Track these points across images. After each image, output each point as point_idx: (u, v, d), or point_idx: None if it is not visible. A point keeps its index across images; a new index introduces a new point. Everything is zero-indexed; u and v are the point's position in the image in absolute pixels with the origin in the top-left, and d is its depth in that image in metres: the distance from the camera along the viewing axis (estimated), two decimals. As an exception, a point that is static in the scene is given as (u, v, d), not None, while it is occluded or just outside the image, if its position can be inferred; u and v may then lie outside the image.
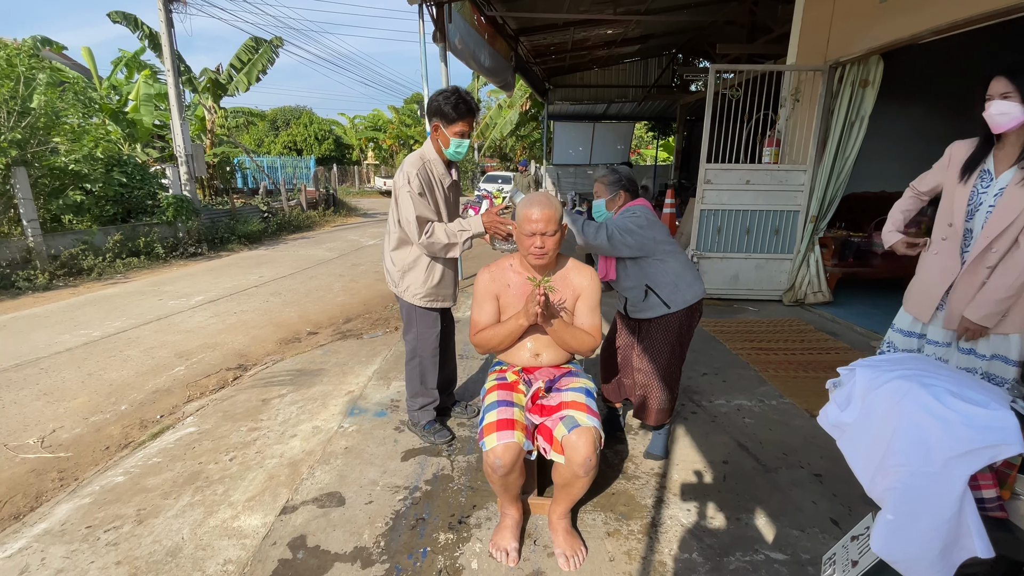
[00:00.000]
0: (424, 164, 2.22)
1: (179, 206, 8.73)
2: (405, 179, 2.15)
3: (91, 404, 3.33)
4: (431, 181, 2.24)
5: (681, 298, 2.18)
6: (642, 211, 2.21)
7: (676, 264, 2.20)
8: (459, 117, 2.15)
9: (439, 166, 2.28)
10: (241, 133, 21.87)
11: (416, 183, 2.15)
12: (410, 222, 2.14)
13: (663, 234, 2.20)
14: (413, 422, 2.51)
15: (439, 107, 2.15)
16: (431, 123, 2.22)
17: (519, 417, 1.65)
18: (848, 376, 1.06)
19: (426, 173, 2.22)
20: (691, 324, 2.23)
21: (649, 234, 2.14)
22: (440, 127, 2.19)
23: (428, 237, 2.15)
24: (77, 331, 4.73)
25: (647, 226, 2.14)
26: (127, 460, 2.57)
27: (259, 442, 2.57)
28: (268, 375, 3.53)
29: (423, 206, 2.15)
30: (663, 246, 2.19)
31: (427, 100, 2.26)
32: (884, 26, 3.70)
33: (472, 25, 6.23)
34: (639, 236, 2.12)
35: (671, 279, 2.18)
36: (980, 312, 1.80)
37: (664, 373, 2.21)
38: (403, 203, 2.16)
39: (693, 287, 2.21)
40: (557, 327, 1.78)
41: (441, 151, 2.26)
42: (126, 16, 10.20)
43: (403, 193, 2.15)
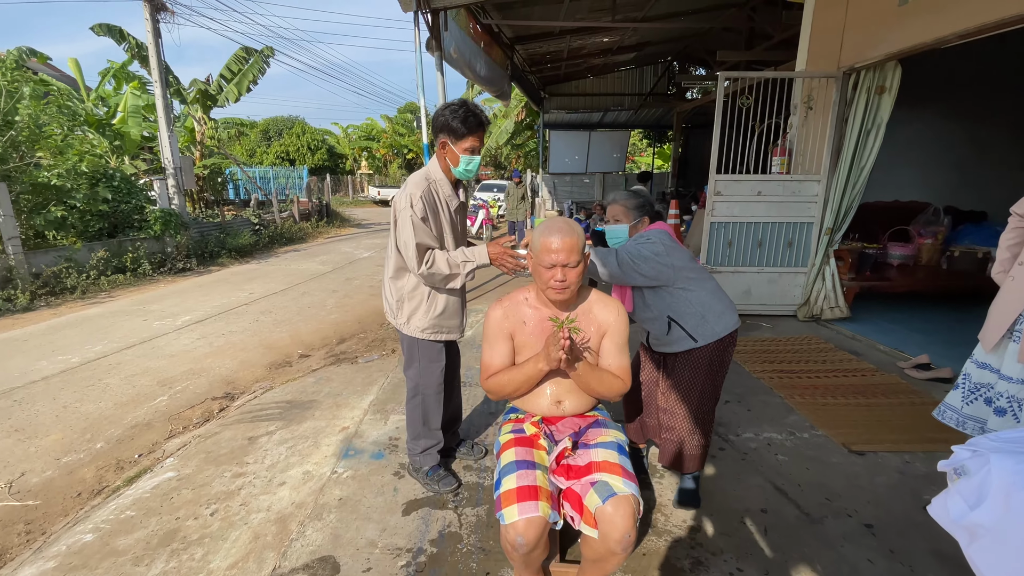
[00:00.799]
0: (429, 185, 2.00)
1: (167, 220, 8.46)
2: (407, 201, 1.92)
3: (64, 442, 3.07)
4: (436, 204, 2.02)
5: (710, 330, 1.95)
6: (659, 236, 1.97)
7: (703, 293, 1.97)
8: (469, 132, 1.94)
9: (446, 187, 2.06)
10: (233, 144, 21.60)
11: (419, 206, 1.93)
12: (409, 249, 1.92)
13: (685, 259, 1.97)
14: (415, 467, 2.27)
15: (447, 122, 1.94)
16: (438, 140, 2.00)
17: (542, 482, 1.42)
18: (977, 463, 0.84)
19: (431, 195, 2.00)
20: (723, 359, 2.00)
21: (667, 261, 1.91)
22: (448, 143, 1.97)
23: (428, 267, 1.93)
24: (55, 357, 4.46)
25: (664, 253, 1.91)
26: (99, 512, 2.32)
27: (244, 491, 2.31)
28: (256, 407, 3.27)
29: (424, 233, 1.93)
30: (685, 273, 1.95)
31: (431, 115, 2.04)
32: (904, 30, 3.53)
33: (468, 34, 6.05)
34: (655, 264, 1.89)
35: (697, 309, 1.95)
36: None
37: (692, 414, 1.98)
38: (403, 227, 1.94)
39: (724, 318, 1.98)
40: (582, 371, 1.55)
41: (448, 170, 2.04)
42: (110, 28, 9.96)
43: (404, 216, 1.93)
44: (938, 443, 2.53)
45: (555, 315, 1.57)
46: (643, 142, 24.85)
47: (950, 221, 5.23)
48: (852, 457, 2.43)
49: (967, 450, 0.89)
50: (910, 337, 4.09)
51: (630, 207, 2.08)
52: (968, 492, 0.83)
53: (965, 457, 0.88)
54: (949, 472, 0.90)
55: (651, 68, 12.22)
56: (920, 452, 2.46)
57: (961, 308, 4.86)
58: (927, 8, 3.35)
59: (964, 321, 4.50)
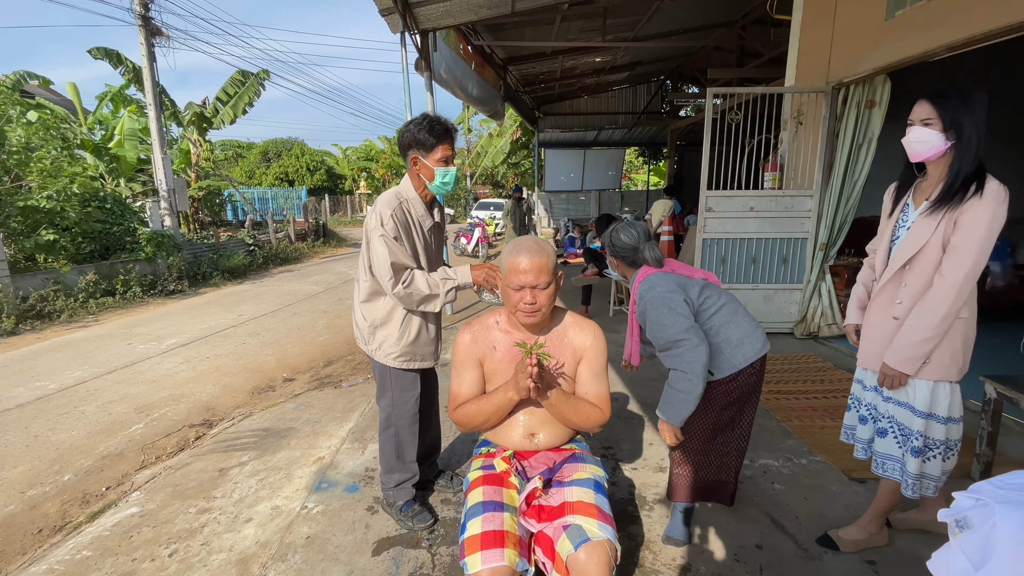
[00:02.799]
0: (401, 204, 1.90)
1: (159, 242, 8.40)
2: (378, 220, 1.83)
3: (32, 474, 2.94)
4: (408, 223, 1.92)
5: (727, 362, 1.74)
6: (659, 296, 1.70)
7: (717, 321, 1.76)
8: (438, 140, 1.85)
9: (419, 206, 1.97)
10: (231, 166, 21.72)
11: (391, 225, 1.84)
12: (383, 269, 1.82)
13: (693, 292, 1.74)
14: (388, 502, 2.14)
15: (414, 136, 1.86)
16: (408, 157, 1.92)
17: (510, 526, 1.30)
18: (981, 515, 0.74)
19: (403, 214, 1.90)
20: (745, 390, 1.79)
21: (679, 319, 1.66)
22: (419, 158, 1.89)
23: (405, 287, 1.82)
24: (33, 383, 4.34)
25: (668, 312, 1.68)
26: (56, 551, 2.19)
27: (207, 529, 2.18)
28: (232, 435, 3.15)
29: (400, 251, 1.84)
30: (703, 315, 1.76)
31: (399, 137, 1.97)
32: (891, 44, 3.49)
33: (458, 54, 6.07)
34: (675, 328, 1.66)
35: (712, 340, 1.74)
36: (898, 356, 1.62)
37: (695, 446, 1.85)
38: (376, 248, 1.84)
39: (743, 347, 1.74)
40: (555, 400, 1.44)
41: (423, 187, 1.95)
42: (108, 52, 10.06)
43: (375, 237, 1.83)
44: (943, 469, 2.40)
45: (525, 340, 1.47)
46: (639, 159, 25.01)
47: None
48: (852, 485, 2.30)
49: (969, 498, 0.78)
50: (910, 355, 3.97)
51: (621, 259, 1.89)
52: (972, 549, 0.72)
53: (967, 507, 0.77)
54: (950, 524, 0.79)
55: (644, 87, 12.32)
56: (924, 479, 2.33)
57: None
58: (914, 22, 3.32)
59: (965, 337, 4.39)
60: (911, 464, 1.67)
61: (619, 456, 2.62)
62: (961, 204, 1.48)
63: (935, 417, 1.65)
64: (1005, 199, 1.47)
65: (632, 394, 3.44)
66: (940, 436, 1.65)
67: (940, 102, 1.53)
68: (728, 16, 7.35)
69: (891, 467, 1.75)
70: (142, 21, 8.62)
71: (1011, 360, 3.72)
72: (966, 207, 1.48)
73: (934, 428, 1.65)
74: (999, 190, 1.47)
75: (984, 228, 1.46)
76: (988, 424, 2.20)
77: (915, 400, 1.65)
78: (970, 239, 1.47)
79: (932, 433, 1.65)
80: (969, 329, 1.62)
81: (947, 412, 1.64)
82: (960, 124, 1.51)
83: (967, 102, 1.50)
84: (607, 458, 2.58)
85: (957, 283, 1.49)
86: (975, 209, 1.46)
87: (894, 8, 3.45)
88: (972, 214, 1.47)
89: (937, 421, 1.65)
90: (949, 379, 1.62)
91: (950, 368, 1.61)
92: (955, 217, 1.49)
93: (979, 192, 1.47)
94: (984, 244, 1.47)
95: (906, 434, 1.69)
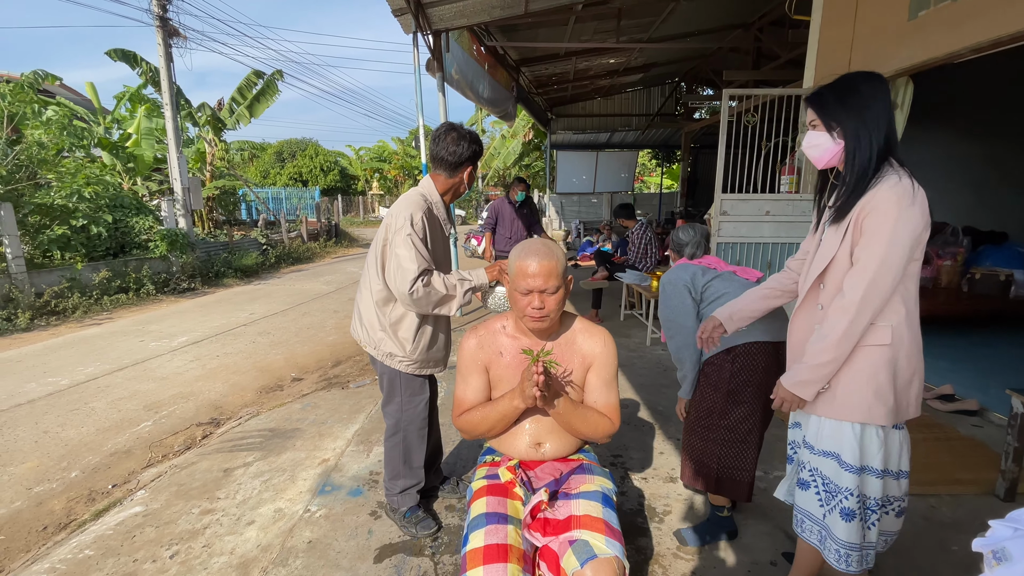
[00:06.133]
0: (430, 206, 1.90)
1: (172, 240, 8.49)
2: (406, 221, 1.79)
3: (40, 470, 2.96)
4: (435, 227, 1.92)
5: (723, 340, 1.79)
6: (667, 280, 1.98)
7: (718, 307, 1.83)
8: (482, 152, 2.02)
9: (442, 210, 1.98)
10: (246, 166, 21.96)
11: (420, 226, 1.81)
12: (407, 270, 1.75)
13: (701, 281, 1.91)
14: (392, 507, 2.10)
15: (473, 151, 1.93)
16: (462, 169, 1.95)
17: (514, 539, 1.25)
18: (1020, 546, 0.68)
19: (432, 217, 1.91)
20: (734, 378, 1.81)
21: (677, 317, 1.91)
22: (471, 169, 1.98)
23: (425, 287, 1.77)
24: (45, 379, 4.38)
25: (674, 309, 1.91)
26: (59, 549, 2.19)
27: (209, 531, 2.16)
28: (238, 435, 3.14)
29: (425, 252, 1.81)
30: (704, 301, 1.90)
31: (431, 135, 1.98)
32: (915, 45, 3.39)
33: (471, 55, 6.05)
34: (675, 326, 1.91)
35: None
36: (794, 377, 1.38)
37: (688, 423, 1.94)
38: (400, 249, 1.78)
39: (742, 332, 1.78)
40: (562, 408, 1.39)
41: (447, 191, 1.97)
42: (125, 54, 10.21)
43: (401, 236, 1.78)
44: (966, 484, 2.31)
45: (532, 345, 1.42)
46: (652, 162, 24.84)
47: (969, 242, 5.01)
48: (871, 501, 2.22)
49: (1007, 527, 0.72)
50: (931, 364, 3.85)
51: (674, 254, 2.17)
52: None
53: (1005, 536, 0.71)
54: (986, 555, 0.73)
55: (658, 89, 12.22)
56: (946, 495, 2.24)
57: (985, 333, 4.61)
58: (938, 22, 3.22)
59: (989, 347, 4.25)
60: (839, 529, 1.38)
61: (628, 465, 2.55)
62: (864, 209, 1.26)
63: (869, 470, 1.36)
64: (913, 200, 1.22)
65: (643, 401, 3.38)
66: (876, 493, 1.37)
67: (816, 102, 1.37)
68: (744, 17, 7.25)
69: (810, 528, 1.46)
70: (160, 22, 8.74)
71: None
72: (868, 212, 1.25)
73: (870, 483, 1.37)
74: (904, 191, 1.22)
75: (886, 235, 1.22)
76: (1015, 439, 2.11)
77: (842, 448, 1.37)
78: (871, 249, 1.24)
79: (868, 490, 1.37)
80: (901, 362, 1.32)
81: (883, 463, 1.35)
82: (841, 122, 1.31)
83: (844, 98, 1.31)
84: (616, 467, 2.52)
85: (855, 301, 1.25)
86: (874, 214, 1.24)
87: (917, 8, 3.35)
88: (872, 220, 1.24)
89: (872, 475, 1.36)
90: (875, 422, 1.32)
91: (874, 407, 1.31)
92: (860, 224, 1.28)
93: (880, 194, 1.24)
94: (887, 254, 1.22)
95: (831, 491, 1.39)
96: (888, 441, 1.36)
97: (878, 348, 1.30)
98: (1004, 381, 3.39)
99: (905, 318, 1.31)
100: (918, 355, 1.34)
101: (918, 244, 1.25)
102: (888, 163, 1.29)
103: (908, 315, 1.32)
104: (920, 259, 1.29)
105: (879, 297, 1.25)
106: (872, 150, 1.28)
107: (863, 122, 1.29)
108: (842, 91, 1.33)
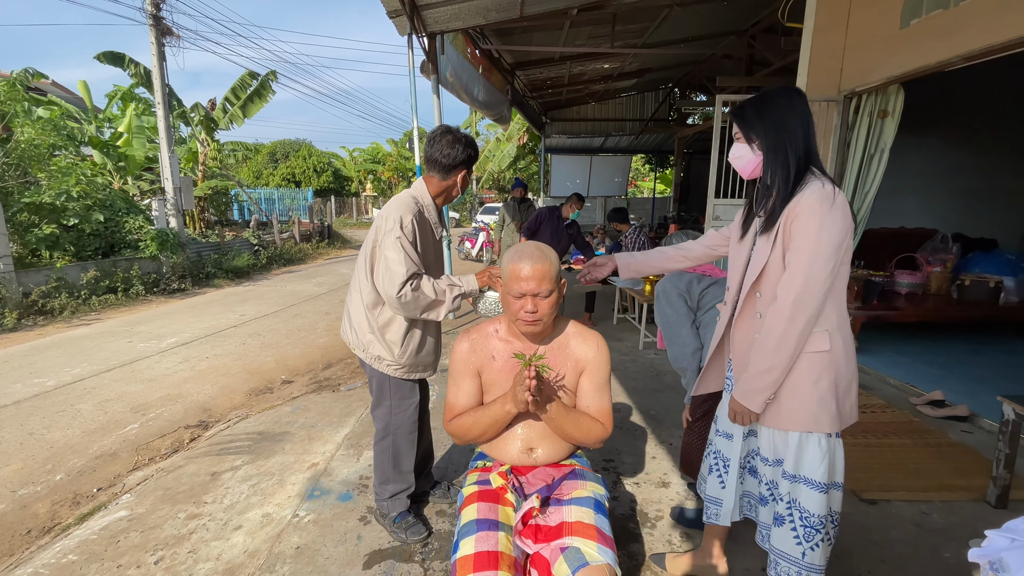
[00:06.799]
0: (421, 209, 1.88)
1: (163, 240, 8.40)
2: (396, 223, 1.77)
3: (24, 472, 2.90)
4: (425, 229, 1.89)
5: (706, 353, 1.82)
6: (660, 289, 2.05)
7: (711, 316, 1.91)
8: (477, 156, 1.97)
9: (433, 213, 1.96)
10: (239, 166, 21.80)
11: (409, 229, 1.79)
12: (395, 273, 1.73)
13: (697, 289, 1.97)
14: (382, 512, 2.07)
15: (468, 155, 1.91)
16: (455, 172, 1.92)
17: (505, 547, 1.23)
18: (1018, 558, 0.67)
19: (423, 219, 1.88)
20: None
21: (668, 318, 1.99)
22: (465, 173, 1.96)
23: (413, 291, 1.75)
24: (31, 380, 4.31)
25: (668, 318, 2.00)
26: (43, 553, 2.14)
27: (195, 536, 2.12)
28: (226, 438, 3.09)
29: (414, 256, 1.78)
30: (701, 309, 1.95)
31: (426, 137, 1.98)
32: (906, 53, 3.43)
33: (466, 58, 6.05)
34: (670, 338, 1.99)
35: (703, 332, 1.94)
36: (741, 388, 1.40)
37: (692, 425, 2.04)
38: (391, 251, 1.75)
39: None
40: (554, 413, 1.38)
41: (439, 194, 1.95)
42: (115, 56, 10.11)
43: (390, 239, 1.75)
44: (957, 490, 2.32)
45: (524, 349, 1.41)
46: (645, 167, 24.95)
47: (959, 249, 5.05)
48: (863, 506, 2.22)
49: (1004, 537, 0.71)
50: (921, 370, 3.88)
51: None
52: (1012, 597, 0.65)
53: (1002, 547, 0.71)
54: (983, 565, 0.73)
55: (652, 94, 12.29)
56: (938, 501, 2.25)
57: (974, 340, 4.65)
58: (930, 30, 3.25)
59: (978, 353, 4.29)
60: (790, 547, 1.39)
61: (620, 470, 2.54)
62: (791, 215, 1.30)
63: (808, 482, 1.35)
64: (833, 204, 1.26)
65: (635, 405, 3.37)
66: (819, 509, 1.34)
67: (738, 116, 1.42)
68: (738, 24, 7.30)
69: None
70: (153, 21, 8.67)
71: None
72: (794, 217, 1.29)
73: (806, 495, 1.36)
74: (825, 195, 1.26)
75: (812, 238, 1.26)
76: (1006, 446, 2.12)
77: (802, 466, 1.35)
78: (799, 252, 1.28)
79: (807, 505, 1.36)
80: (840, 368, 1.33)
81: (825, 476, 1.34)
82: (758, 133, 1.37)
83: (762, 112, 1.37)
84: (608, 471, 2.51)
85: (788, 304, 1.28)
86: (799, 219, 1.28)
87: (909, 16, 3.39)
88: (798, 224, 1.28)
89: (813, 488, 1.34)
90: (821, 429, 1.32)
91: (819, 416, 1.32)
92: (788, 229, 1.31)
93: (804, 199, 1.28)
94: (814, 258, 1.26)
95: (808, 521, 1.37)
96: (832, 450, 1.36)
97: (818, 355, 1.32)
98: (994, 387, 3.42)
99: (838, 323, 1.34)
100: (853, 359, 1.37)
101: (842, 246, 1.28)
102: (810, 172, 1.33)
103: (840, 320, 1.34)
104: (847, 263, 1.33)
105: (811, 299, 1.28)
106: (790, 161, 1.33)
107: (779, 135, 1.34)
108: (760, 105, 1.39)
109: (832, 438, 1.36)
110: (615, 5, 5.82)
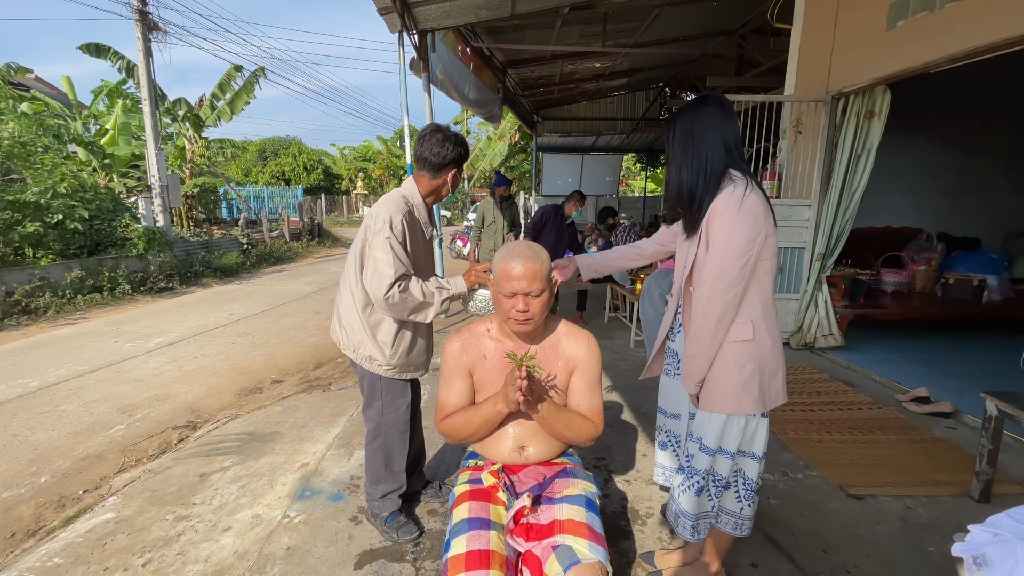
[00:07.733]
0: (411, 209, 1.86)
1: (150, 239, 8.29)
2: (386, 223, 1.75)
3: (8, 475, 2.85)
4: (415, 229, 1.88)
5: None
6: (643, 298, 2.12)
7: None
8: (468, 156, 1.96)
9: (423, 212, 1.94)
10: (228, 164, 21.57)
11: (399, 229, 1.77)
12: (383, 274, 1.71)
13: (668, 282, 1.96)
14: (373, 512, 2.06)
15: (457, 154, 1.89)
16: (445, 171, 1.90)
17: (496, 545, 1.23)
18: (1001, 552, 0.68)
19: (413, 219, 1.86)
20: None
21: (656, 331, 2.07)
22: (456, 172, 1.94)
23: (401, 293, 1.74)
24: (14, 381, 4.23)
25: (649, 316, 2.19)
26: (27, 557, 2.11)
27: (184, 537, 2.10)
28: (215, 439, 3.06)
29: (403, 256, 1.76)
30: None
31: (416, 135, 1.97)
32: (892, 55, 3.47)
33: (457, 56, 6.03)
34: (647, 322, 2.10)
35: None
36: (682, 373, 1.58)
37: None
38: (380, 252, 1.73)
39: None
40: (546, 413, 1.38)
41: (429, 194, 1.93)
42: (100, 48, 9.95)
43: (380, 239, 1.74)
44: (941, 485, 2.36)
45: (516, 349, 1.41)
46: (636, 166, 25.06)
47: (943, 248, 5.14)
48: (850, 502, 2.25)
49: (987, 532, 0.73)
50: (907, 367, 3.94)
51: None
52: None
53: (985, 542, 0.72)
54: (967, 560, 0.74)
55: (643, 93, 12.33)
56: (923, 496, 2.29)
57: (958, 337, 4.73)
58: (915, 32, 3.30)
59: (962, 350, 4.37)
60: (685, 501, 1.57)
61: (611, 467, 2.55)
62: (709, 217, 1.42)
63: (723, 452, 1.51)
64: (740, 207, 1.36)
65: (626, 403, 3.39)
66: (724, 471, 1.52)
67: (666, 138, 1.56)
68: (728, 25, 7.35)
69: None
70: (139, 16, 8.54)
71: (1011, 376, 3.70)
72: (709, 219, 1.42)
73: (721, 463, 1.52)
74: (734, 199, 1.36)
75: (723, 239, 1.37)
76: (989, 442, 2.16)
77: (706, 435, 1.51)
78: (712, 251, 1.40)
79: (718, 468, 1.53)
80: (765, 355, 1.44)
81: (736, 446, 1.50)
82: (669, 145, 1.53)
83: (674, 133, 1.51)
84: (599, 469, 2.52)
85: (702, 296, 1.41)
86: (713, 220, 1.40)
87: (896, 18, 3.44)
88: (712, 225, 1.41)
89: (724, 456, 1.51)
90: (744, 412, 1.45)
91: (743, 399, 1.43)
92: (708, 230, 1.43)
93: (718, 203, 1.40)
94: (724, 255, 1.37)
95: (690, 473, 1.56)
96: (748, 429, 1.50)
97: (741, 344, 1.43)
98: (978, 384, 3.48)
99: (762, 314, 1.44)
100: (780, 347, 1.48)
101: (753, 243, 1.37)
102: (728, 176, 1.42)
103: (765, 311, 1.45)
104: (771, 259, 1.44)
105: (722, 292, 1.38)
106: (696, 174, 1.45)
107: (682, 144, 1.48)
108: (671, 125, 1.52)
109: (756, 417, 1.50)
110: (606, 4, 5.83)
